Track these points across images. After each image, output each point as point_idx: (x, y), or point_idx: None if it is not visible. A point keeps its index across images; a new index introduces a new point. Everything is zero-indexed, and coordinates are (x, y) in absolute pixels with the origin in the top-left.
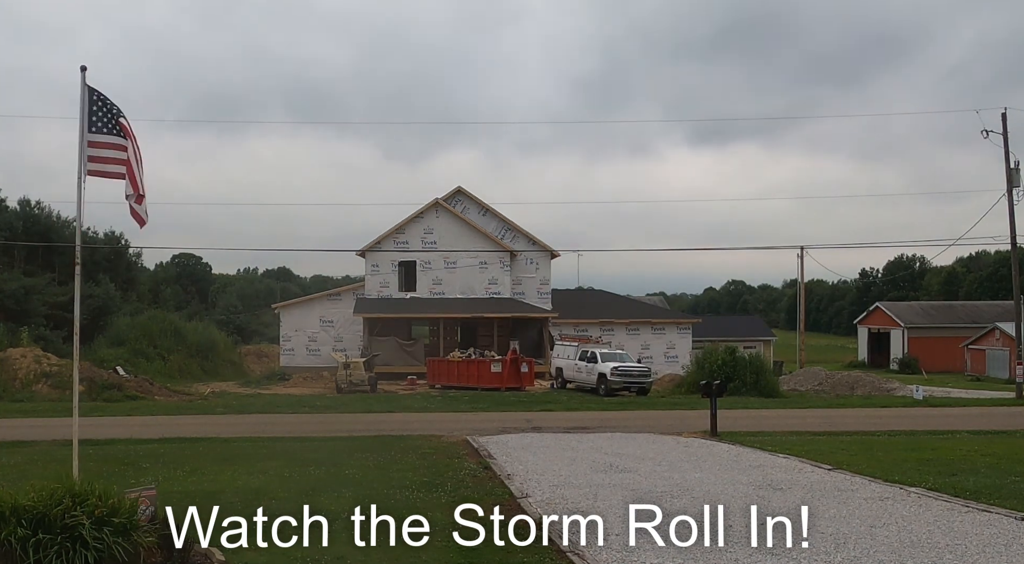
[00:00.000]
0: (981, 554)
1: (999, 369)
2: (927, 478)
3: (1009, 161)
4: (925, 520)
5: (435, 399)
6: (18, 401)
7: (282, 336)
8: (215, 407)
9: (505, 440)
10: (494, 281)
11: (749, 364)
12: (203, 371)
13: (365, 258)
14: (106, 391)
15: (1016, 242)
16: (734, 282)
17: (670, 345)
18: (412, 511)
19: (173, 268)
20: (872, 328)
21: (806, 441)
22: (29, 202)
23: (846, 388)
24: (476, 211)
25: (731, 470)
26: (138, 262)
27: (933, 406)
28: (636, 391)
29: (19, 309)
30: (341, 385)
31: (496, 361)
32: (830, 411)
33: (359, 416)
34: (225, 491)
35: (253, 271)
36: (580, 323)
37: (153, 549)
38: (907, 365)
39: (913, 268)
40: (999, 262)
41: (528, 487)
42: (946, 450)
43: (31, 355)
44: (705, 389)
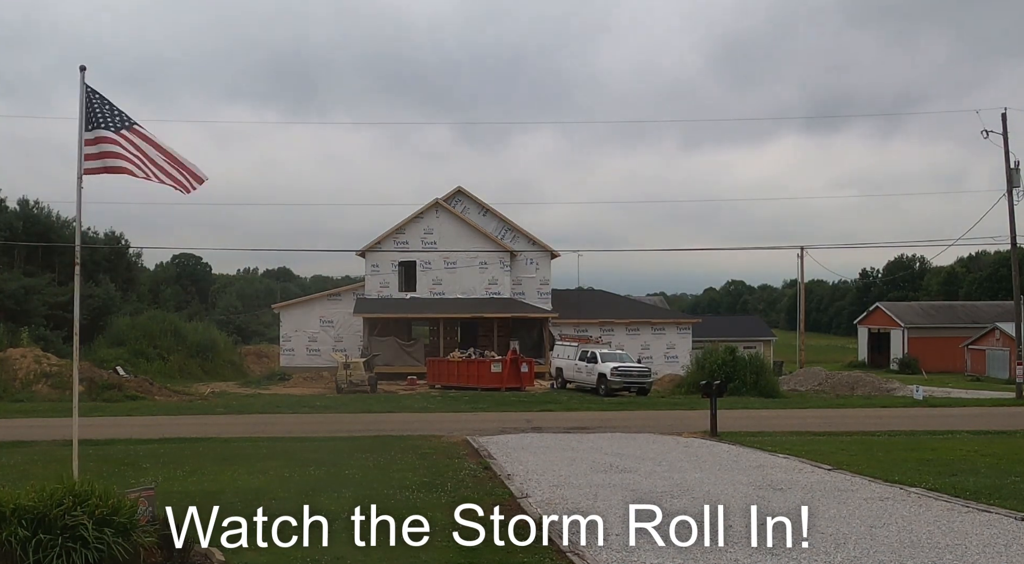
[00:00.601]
0: (981, 554)
1: (999, 369)
2: (927, 478)
3: (1009, 161)
4: (925, 520)
5: (435, 399)
6: (18, 401)
7: (282, 336)
8: (215, 407)
9: (505, 440)
10: (494, 281)
11: (749, 364)
12: (203, 371)
13: (365, 258)
14: (106, 391)
15: (1016, 242)
16: (734, 282)
17: (670, 345)
18: (412, 511)
19: (173, 268)
20: (872, 328)
21: (806, 441)
22: (28, 202)
23: (846, 388)
24: (476, 211)
25: (731, 470)
26: (138, 262)
27: (933, 406)
28: (636, 391)
29: (19, 309)
30: (341, 385)
31: (496, 361)
32: (830, 411)
33: (359, 416)
34: (225, 491)
35: (253, 271)
36: (580, 323)
37: (153, 549)
38: (907, 365)
39: (913, 268)
40: (999, 262)
41: (528, 487)
42: (946, 450)
43: (31, 355)
44: (705, 389)
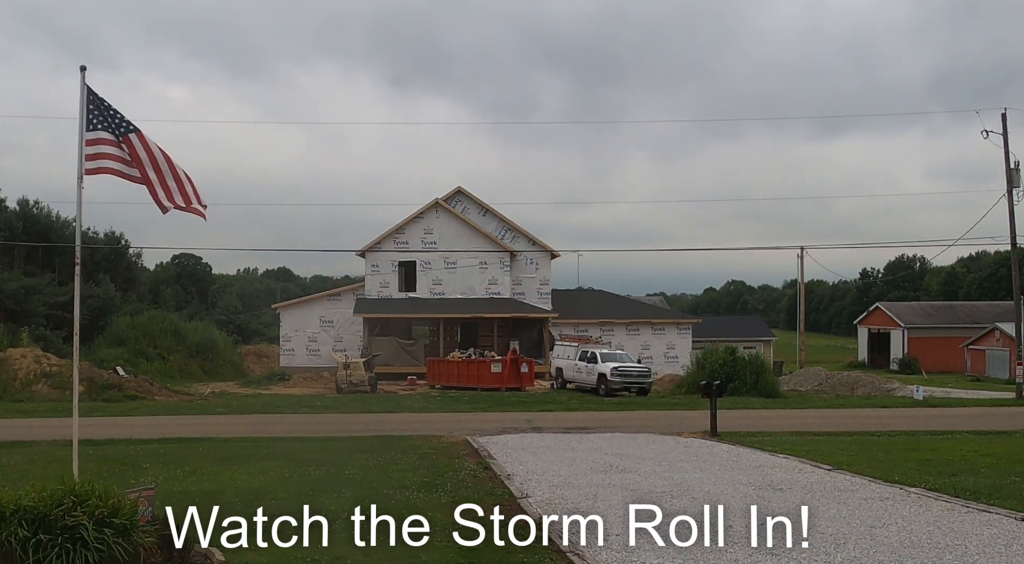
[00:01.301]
0: (981, 554)
1: (999, 369)
2: (927, 478)
3: (1009, 161)
4: (925, 520)
5: (435, 399)
6: (18, 401)
7: (282, 336)
8: (215, 407)
9: (505, 440)
10: (494, 281)
11: (749, 364)
12: (203, 371)
13: (365, 258)
14: (106, 391)
15: (1016, 242)
16: (734, 282)
17: (670, 345)
18: (412, 511)
19: (173, 268)
20: (872, 328)
21: (806, 441)
22: (28, 202)
23: (846, 388)
24: (476, 211)
25: (731, 470)
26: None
27: (933, 406)
28: (636, 391)
29: (19, 309)
30: (341, 385)
31: (496, 361)
32: (830, 411)
33: (359, 416)
34: (225, 491)
35: (253, 271)
36: (580, 323)
37: (153, 549)
38: (907, 365)
39: (913, 268)
40: (999, 262)
41: (528, 487)
42: (946, 450)
43: (31, 355)
44: (705, 389)
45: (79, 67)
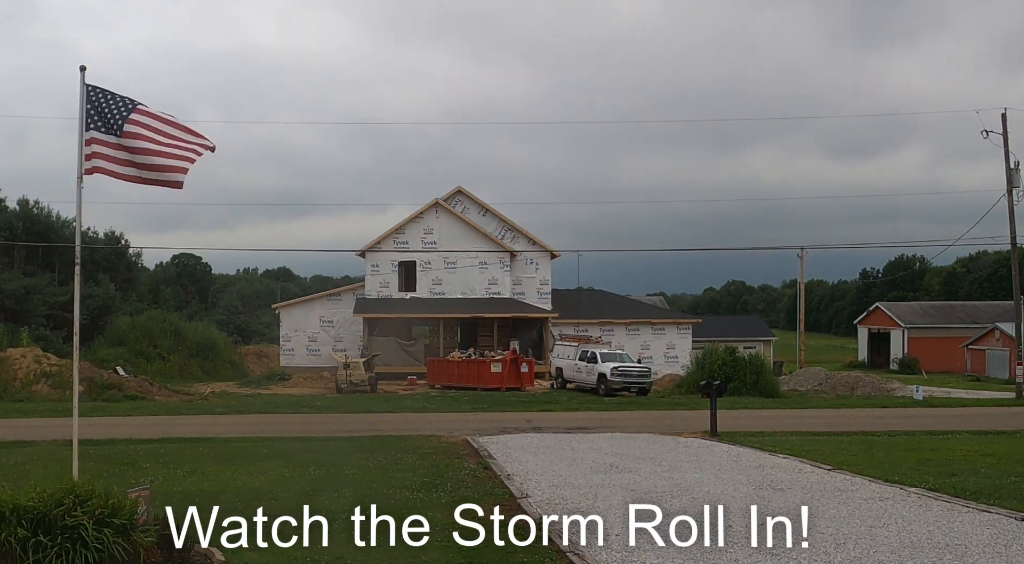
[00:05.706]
0: (981, 554)
1: (999, 369)
2: (927, 478)
3: (1009, 161)
4: (925, 520)
5: (435, 399)
6: (18, 401)
7: (282, 336)
8: (215, 407)
9: (505, 440)
10: (494, 281)
11: (749, 364)
12: (203, 371)
13: (365, 258)
14: (106, 391)
15: (1016, 242)
16: (734, 282)
17: (670, 345)
18: (412, 511)
19: (173, 268)
20: (872, 328)
21: (806, 441)
22: (28, 202)
23: (846, 388)
24: (476, 211)
25: (731, 470)
26: (138, 262)
27: (933, 406)
28: (636, 391)
29: (19, 309)
30: (341, 385)
31: (496, 361)
32: (830, 411)
33: (359, 416)
34: (225, 491)
35: (253, 271)
36: (580, 323)
37: (153, 549)
38: (907, 365)
39: (913, 268)
40: (999, 262)
41: (528, 487)
42: (946, 450)
43: (31, 355)
44: (705, 389)
45: (79, 67)
